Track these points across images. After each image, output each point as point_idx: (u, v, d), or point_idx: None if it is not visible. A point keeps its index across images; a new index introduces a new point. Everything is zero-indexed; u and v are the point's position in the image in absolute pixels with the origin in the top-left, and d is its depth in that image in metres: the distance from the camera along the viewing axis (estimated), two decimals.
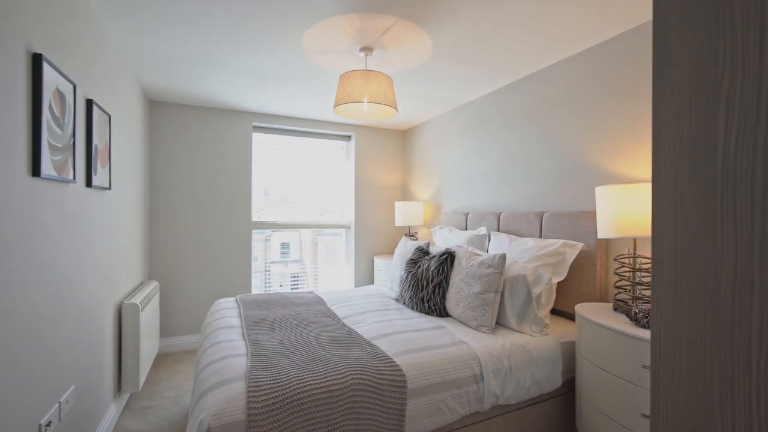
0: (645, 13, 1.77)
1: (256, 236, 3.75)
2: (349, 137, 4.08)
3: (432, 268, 2.20)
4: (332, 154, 4.04)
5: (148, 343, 2.52)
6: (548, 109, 2.39)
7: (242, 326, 1.87)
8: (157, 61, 2.37)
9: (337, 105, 2.08)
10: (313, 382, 1.30)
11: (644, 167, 1.83)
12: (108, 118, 1.96)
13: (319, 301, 2.40)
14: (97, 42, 1.83)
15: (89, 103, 1.68)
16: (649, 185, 1.57)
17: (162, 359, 2.99)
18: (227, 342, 1.63)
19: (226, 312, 2.11)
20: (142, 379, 2.34)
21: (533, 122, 2.51)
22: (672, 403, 0.51)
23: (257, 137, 3.66)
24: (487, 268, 1.91)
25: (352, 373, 1.38)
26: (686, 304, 0.50)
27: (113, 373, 2.15)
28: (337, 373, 1.36)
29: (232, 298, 2.45)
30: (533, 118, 2.51)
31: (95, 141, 1.75)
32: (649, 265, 1.72)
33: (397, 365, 1.46)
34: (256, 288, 3.75)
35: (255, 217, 3.65)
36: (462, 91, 2.90)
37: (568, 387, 1.86)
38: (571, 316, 2.15)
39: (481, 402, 1.56)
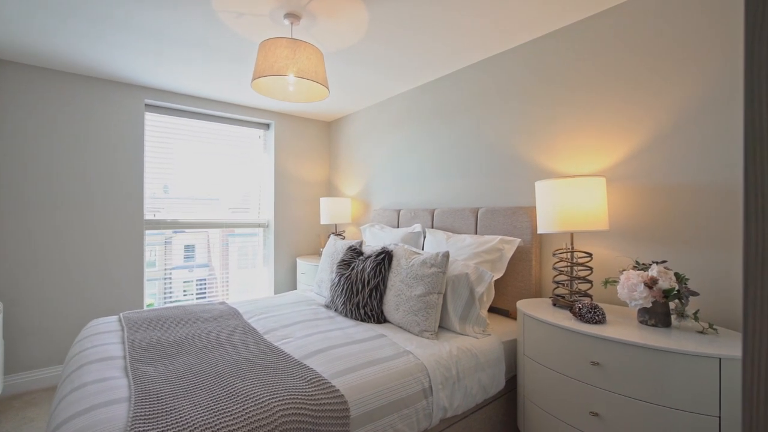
0: (593, 6, 1.75)
1: (153, 238, 3.10)
2: (267, 125, 3.65)
3: (367, 270, 1.98)
4: (248, 143, 3.56)
5: None
6: (483, 102, 2.36)
7: (125, 356, 1.42)
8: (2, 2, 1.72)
9: (256, 77, 1.73)
10: (230, 428, 0.98)
11: (578, 162, 1.87)
12: None
13: (234, 314, 2.01)
14: None
15: None
16: (590, 179, 1.57)
17: (7, 404, 2.24)
18: (99, 382, 1.18)
19: (103, 337, 1.60)
20: None
21: (467, 116, 2.45)
22: None
23: (152, 119, 3.02)
24: (429, 267, 1.76)
25: (282, 407, 1.08)
26: None
27: None
28: (262, 410, 1.06)
29: (114, 318, 1.91)
30: (467, 112, 2.46)
31: None
32: (586, 259, 1.75)
33: (337, 390, 1.20)
34: (153, 298, 3.11)
35: (150, 216, 3.01)
36: (395, 81, 2.74)
37: (508, 387, 1.81)
38: (506, 313, 2.13)
39: (429, 418, 1.39)
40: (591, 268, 1.64)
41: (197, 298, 3.36)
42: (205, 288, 3.40)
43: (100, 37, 2.08)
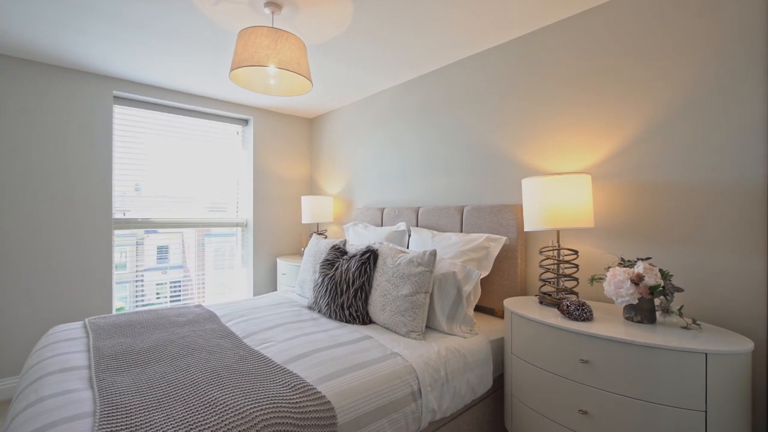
0: (583, 3, 1.73)
1: (124, 239, 2.93)
2: (246, 121, 3.52)
3: (352, 269, 1.93)
4: (225, 139, 3.43)
5: None
6: (469, 100, 2.34)
7: (90, 365, 1.31)
8: None
9: (234, 68, 1.65)
10: None
11: (564, 159, 1.87)
12: None
13: (211, 317, 1.91)
14: None
15: None
16: (576, 177, 1.57)
17: None
18: (60, 395, 1.08)
19: (65, 345, 1.47)
20: None
21: (453, 114, 2.43)
22: None
23: (121, 111, 2.85)
24: (416, 266, 1.72)
25: (264, 416, 1.01)
26: None
27: None
28: (242, 420, 0.98)
29: (78, 323, 1.77)
30: (453, 110, 2.43)
31: None
32: (573, 257, 1.76)
33: (323, 396, 1.14)
34: (123, 302, 2.94)
35: (119, 215, 2.84)
36: (378, 77, 2.69)
37: (495, 386, 1.80)
38: (491, 312, 2.12)
39: (418, 422, 1.35)
40: (577, 266, 1.64)
41: (171, 302, 3.20)
42: (179, 290, 3.24)
43: (63, 23, 1.93)
